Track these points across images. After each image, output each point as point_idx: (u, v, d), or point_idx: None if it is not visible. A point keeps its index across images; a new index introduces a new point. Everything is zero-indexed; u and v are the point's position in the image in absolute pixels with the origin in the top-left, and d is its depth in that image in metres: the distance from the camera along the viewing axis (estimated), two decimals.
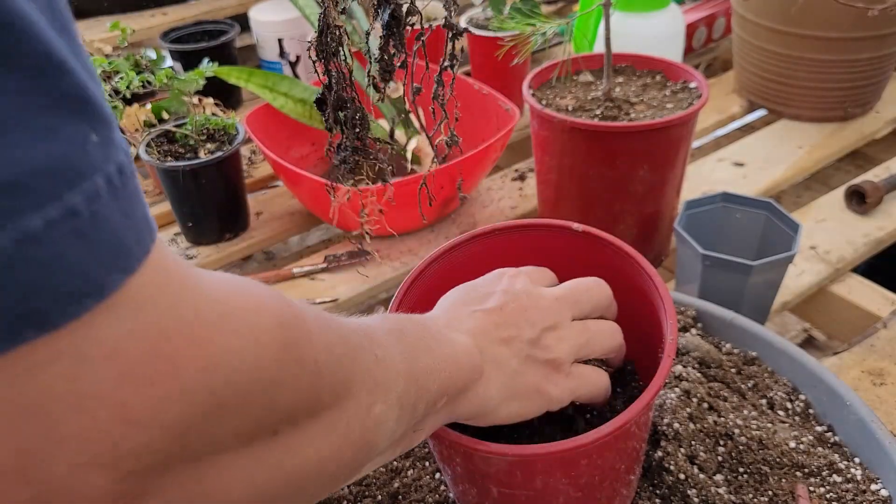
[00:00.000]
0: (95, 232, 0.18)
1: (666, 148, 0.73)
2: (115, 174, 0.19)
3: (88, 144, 0.18)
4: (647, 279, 0.46)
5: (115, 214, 0.19)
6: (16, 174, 0.16)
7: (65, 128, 0.17)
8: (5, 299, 0.17)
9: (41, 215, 0.17)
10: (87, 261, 0.18)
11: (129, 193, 0.19)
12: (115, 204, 0.18)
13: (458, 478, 0.44)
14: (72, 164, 0.17)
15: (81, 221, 0.18)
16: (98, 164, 0.18)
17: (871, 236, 0.84)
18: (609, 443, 0.39)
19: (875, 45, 0.96)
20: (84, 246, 0.18)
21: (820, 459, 0.50)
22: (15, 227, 0.16)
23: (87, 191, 0.18)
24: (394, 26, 0.35)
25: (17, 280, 0.17)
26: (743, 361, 0.59)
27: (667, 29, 1.00)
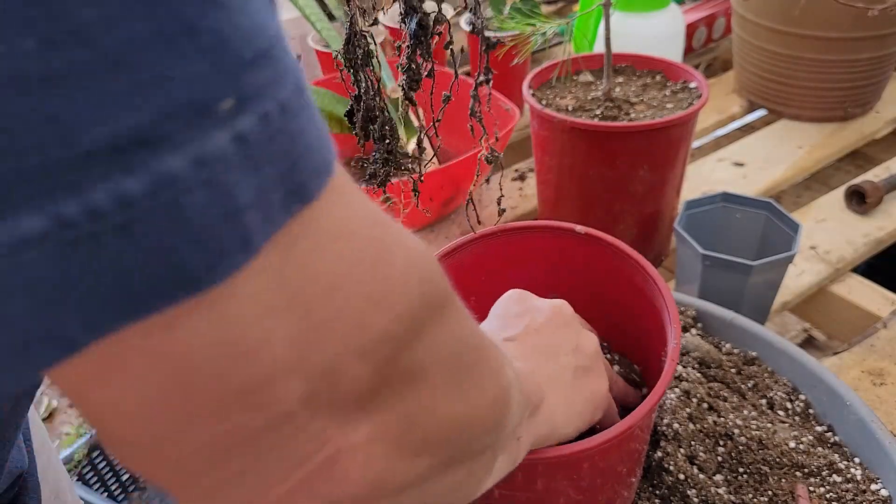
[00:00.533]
0: (313, 108, 0.18)
1: (666, 148, 0.73)
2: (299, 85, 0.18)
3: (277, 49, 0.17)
4: (650, 282, 0.46)
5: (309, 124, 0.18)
6: (268, 41, 0.16)
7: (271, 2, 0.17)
8: (277, 170, 0.16)
9: (286, 86, 0.16)
10: (316, 136, 0.18)
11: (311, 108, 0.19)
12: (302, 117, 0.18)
13: None
14: (285, 39, 0.17)
15: (306, 98, 0.17)
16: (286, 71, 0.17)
17: (871, 236, 0.84)
18: (612, 446, 0.39)
19: (875, 45, 0.96)
20: (312, 121, 0.18)
21: (820, 459, 0.50)
22: (275, 97, 0.16)
23: (298, 69, 0.17)
24: (421, 35, 0.35)
25: (283, 151, 0.16)
26: (743, 361, 0.59)
27: (667, 29, 1.00)
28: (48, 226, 0.13)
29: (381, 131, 0.37)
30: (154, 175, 0.14)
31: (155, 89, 0.14)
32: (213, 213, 0.15)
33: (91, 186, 0.13)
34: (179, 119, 0.14)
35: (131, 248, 0.14)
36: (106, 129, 0.13)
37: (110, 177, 0.13)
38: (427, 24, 0.35)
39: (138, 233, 0.14)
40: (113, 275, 0.14)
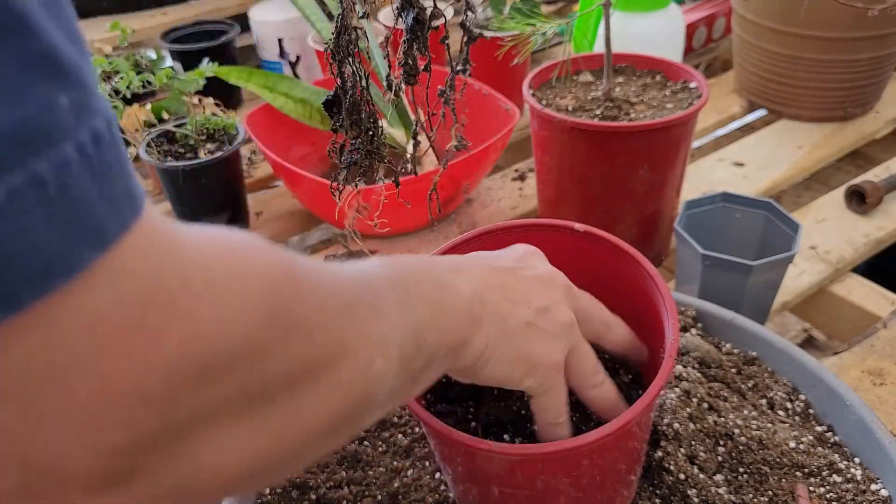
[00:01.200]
0: (64, 204, 0.17)
1: (666, 148, 0.73)
2: (88, 142, 0.17)
3: (58, 109, 0.16)
4: (648, 280, 0.46)
5: (89, 185, 0.17)
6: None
7: (31, 90, 0.16)
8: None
9: (2, 183, 0.15)
10: (55, 236, 0.17)
11: (107, 163, 0.18)
12: (87, 174, 0.17)
13: (458, 477, 0.44)
14: (36, 128, 0.16)
15: (48, 192, 0.16)
16: (68, 130, 0.17)
17: (871, 236, 0.84)
18: (610, 443, 0.39)
19: (875, 45, 0.96)
20: (51, 219, 0.16)
21: (820, 459, 0.50)
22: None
23: (55, 159, 0.16)
24: (417, 30, 0.35)
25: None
26: (743, 361, 0.59)
27: (667, 29, 1.00)
28: None
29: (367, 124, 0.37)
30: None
31: None
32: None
33: None
34: None
35: None
36: None
37: None
38: (423, 19, 0.35)
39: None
40: None
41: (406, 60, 0.35)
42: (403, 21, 0.35)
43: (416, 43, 0.35)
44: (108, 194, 0.18)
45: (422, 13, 0.35)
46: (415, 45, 0.35)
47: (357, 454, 0.53)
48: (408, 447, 0.54)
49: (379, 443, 0.55)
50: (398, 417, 0.56)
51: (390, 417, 0.57)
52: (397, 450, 0.54)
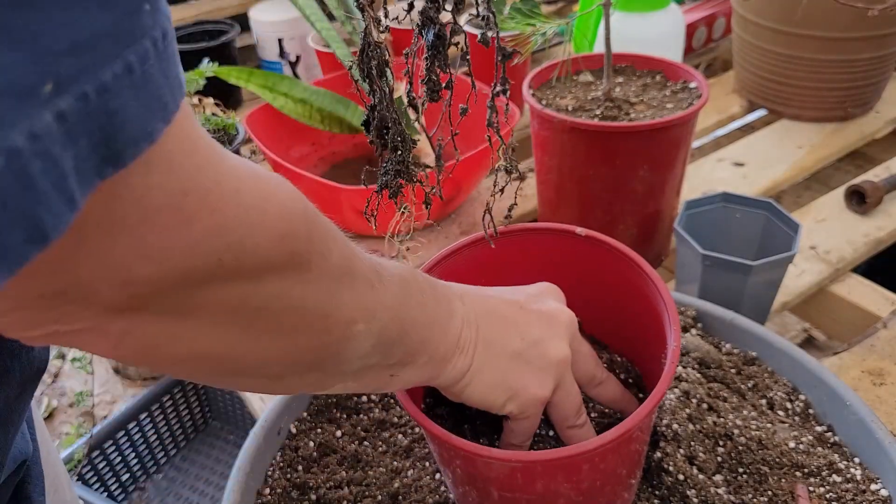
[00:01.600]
0: (145, 86, 0.21)
1: (666, 148, 0.73)
2: (159, 38, 0.21)
3: (142, 13, 0.20)
4: (650, 283, 0.46)
5: (159, 72, 0.21)
6: (89, 34, 0.19)
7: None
8: (92, 142, 0.19)
9: (110, 69, 0.19)
10: (141, 111, 0.21)
11: (169, 55, 0.22)
12: (158, 64, 0.21)
13: (458, 480, 0.44)
14: (129, 28, 0.20)
15: (135, 77, 0.20)
16: (147, 29, 0.21)
17: (871, 236, 0.84)
18: (612, 449, 0.39)
19: (875, 45, 0.96)
20: (138, 99, 0.21)
21: (820, 459, 0.50)
22: (93, 80, 0.19)
23: (139, 52, 0.20)
24: (439, 46, 0.35)
25: (98, 126, 0.19)
26: (743, 362, 0.59)
27: (667, 29, 1.00)
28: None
29: (394, 142, 0.37)
30: (4, 151, 0.17)
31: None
32: (49, 178, 0.18)
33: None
34: (9, 103, 0.17)
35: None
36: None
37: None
38: (444, 35, 0.35)
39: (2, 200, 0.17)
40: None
41: (429, 77, 0.36)
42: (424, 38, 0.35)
43: (438, 60, 0.35)
44: (168, 80, 0.22)
45: (442, 29, 0.35)
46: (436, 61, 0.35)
47: (357, 454, 0.54)
48: (408, 447, 0.54)
49: (379, 443, 0.55)
50: (398, 418, 0.57)
51: (390, 418, 0.57)
52: (397, 450, 0.54)
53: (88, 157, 0.20)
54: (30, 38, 0.17)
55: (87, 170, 0.20)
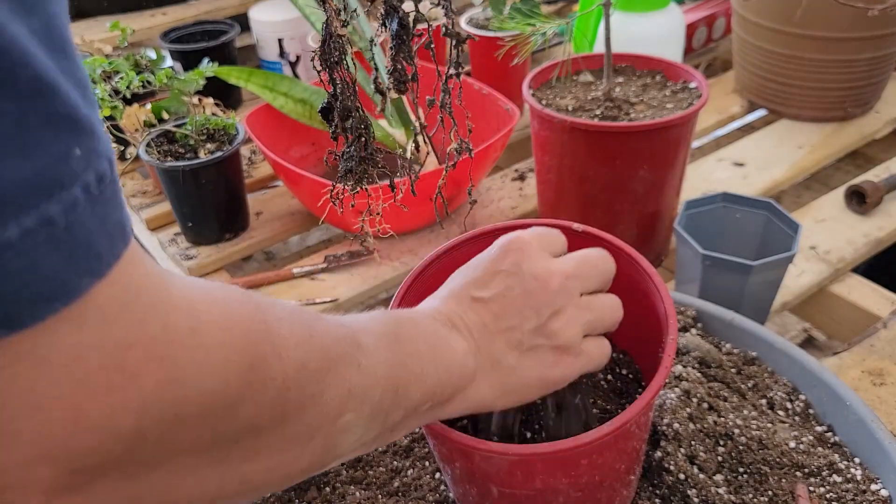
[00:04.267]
0: (69, 239, 0.19)
1: (666, 148, 0.73)
2: (93, 183, 0.19)
3: (71, 158, 0.18)
4: (647, 279, 0.46)
5: (91, 221, 0.19)
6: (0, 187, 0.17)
7: (51, 144, 0.18)
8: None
9: (17, 224, 0.17)
10: (59, 267, 0.18)
11: (107, 199, 0.20)
12: (91, 211, 0.19)
13: (458, 478, 0.44)
14: (53, 176, 0.18)
15: (57, 230, 0.18)
16: (78, 174, 0.19)
17: (871, 236, 0.84)
18: (609, 443, 0.39)
19: (875, 45, 0.96)
20: (58, 253, 0.18)
21: (820, 459, 0.50)
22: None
23: (65, 201, 0.18)
24: (403, 35, 0.35)
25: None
26: (743, 361, 0.59)
27: (667, 29, 1.00)
28: None
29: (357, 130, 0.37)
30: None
31: None
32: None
33: None
34: None
35: None
36: None
37: None
38: (407, 24, 0.35)
39: None
40: None
41: (395, 67, 0.35)
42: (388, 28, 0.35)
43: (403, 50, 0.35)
44: (105, 227, 0.20)
45: (405, 18, 0.35)
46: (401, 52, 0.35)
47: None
48: (408, 447, 0.54)
49: None
50: None
51: None
52: (397, 450, 0.54)
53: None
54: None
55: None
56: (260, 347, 0.25)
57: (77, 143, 0.19)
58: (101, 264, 0.20)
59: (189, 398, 0.22)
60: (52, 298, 0.19)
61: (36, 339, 0.19)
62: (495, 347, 0.39)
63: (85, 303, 0.19)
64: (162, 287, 0.22)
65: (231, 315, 0.24)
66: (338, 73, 0.35)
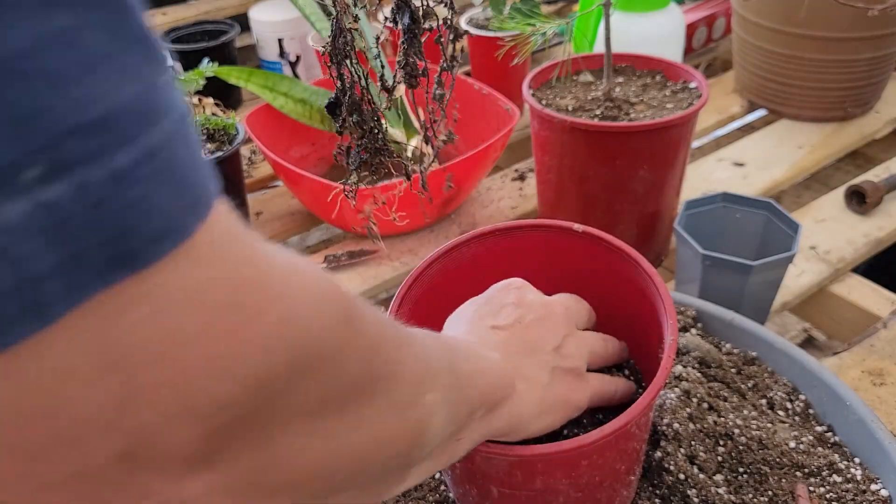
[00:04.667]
0: (172, 172, 0.18)
1: (666, 148, 0.73)
2: (180, 119, 0.18)
3: (161, 85, 0.18)
4: (647, 279, 0.46)
5: (185, 158, 0.18)
6: (106, 110, 0.16)
7: (142, 67, 0.17)
8: (96, 239, 0.16)
9: (127, 153, 0.16)
10: (168, 200, 0.18)
11: (196, 138, 0.19)
12: (183, 147, 0.18)
13: (458, 478, 0.44)
14: (151, 103, 0.17)
15: (161, 161, 0.17)
16: (170, 105, 0.18)
17: (871, 236, 0.84)
18: (610, 443, 0.39)
19: (875, 45, 0.96)
20: (165, 185, 0.17)
21: (820, 459, 0.50)
22: (104, 165, 0.16)
23: (164, 131, 0.17)
24: (414, 29, 0.35)
25: (107, 219, 0.16)
26: (743, 361, 0.59)
27: (667, 29, 1.00)
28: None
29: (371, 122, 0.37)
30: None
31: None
32: (6, 283, 0.15)
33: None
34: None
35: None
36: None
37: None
38: (418, 19, 0.35)
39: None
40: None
41: (406, 61, 0.36)
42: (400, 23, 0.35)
43: (414, 44, 0.35)
44: (199, 165, 0.19)
45: (416, 13, 0.35)
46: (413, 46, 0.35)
47: None
48: None
49: None
50: None
51: None
52: None
53: (86, 256, 0.16)
54: (28, 116, 0.15)
55: (81, 272, 0.16)
56: (350, 302, 0.24)
57: (160, 72, 0.18)
58: (203, 203, 0.19)
59: (303, 340, 0.21)
60: (168, 235, 0.18)
61: (158, 277, 0.18)
62: (525, 367, 0.40)
63: (195, 241, 0.18)
64: (250, 236, 0.21)
65: (315, 272, 0.23)
66: (346, 67, 0.35)
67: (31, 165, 0.15)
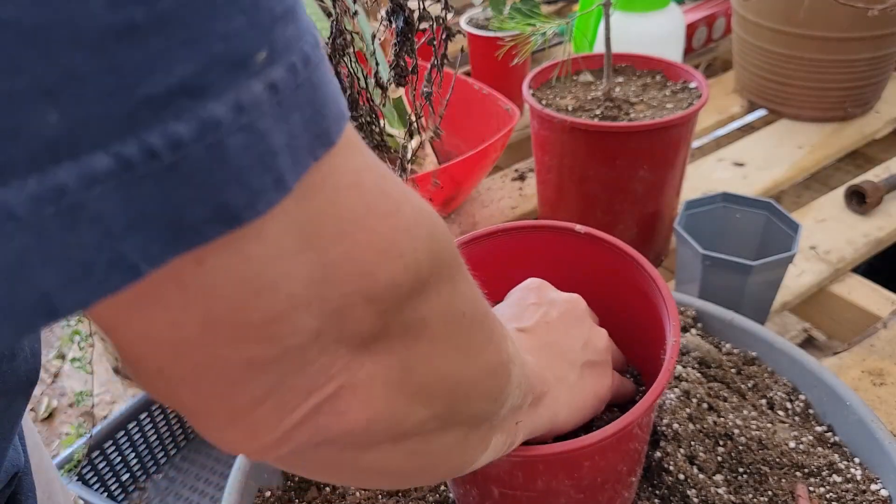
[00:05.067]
0: (326, 69, 0.19)
1: (666, 148, 0.73)
2: (313, 45, 0.19)
3: (299, 7, 0.18)
4: (649, 281, 0.46)
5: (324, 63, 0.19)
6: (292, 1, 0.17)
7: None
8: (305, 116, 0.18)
9: (308, 42, 0.18)
10: (332, 87, 0.19)
11: (325, 69, 0.19)
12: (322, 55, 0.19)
13: (458, 479, 0.44)
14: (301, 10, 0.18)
15: (319, 56, 0.18)
16: (302, 34, 0.18)
17: (871, 236, 0.84)
18: (612, 444, 0.39)
19: (875, 45, 0.96)
20: (329, 74, 0.19)
21: (820, 459, 0.50)
22: (299, 50, 0.17)
23: (314, 35, 0.18)
24: (407, 32, 0.36)
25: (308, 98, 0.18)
26: (743, 361, 0.59)
27: (667, 29, 1.00)
28: (113, 165, 0.15)
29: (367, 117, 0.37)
30: (200, 121, 0.15)
31: (199, 44, 0.15)
32: (252, 154, 0.16)
33: (147, 131, 0.15)
34: (220, 70, 0.16)
35: (182, 185, 0.16)
36: (159, 80, 0.15)
37: (163, 122, 0.15)
38: (412, 22, 0.35)
39: (187, 172, 0.15)
40: (167, 209, 0.16)
41: (397, 62, 0.36)
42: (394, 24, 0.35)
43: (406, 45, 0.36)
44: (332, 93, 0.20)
45: (411, 16, 0.35)
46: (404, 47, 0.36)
47: None
48: None
49: None
50: None
51: None
52: None
53: (301, 134, 0.18)
54: (253, 4, 0.16)
55: (299, 148, 0.18)
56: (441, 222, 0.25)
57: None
58: (342, 103, 0.20)
59: (431, 236, 0.23)
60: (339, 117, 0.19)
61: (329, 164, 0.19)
62: (557, 367, 0.40)
63: (346, 139, 0.20)
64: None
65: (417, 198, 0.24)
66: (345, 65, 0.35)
67: (259, 50, 0.16)
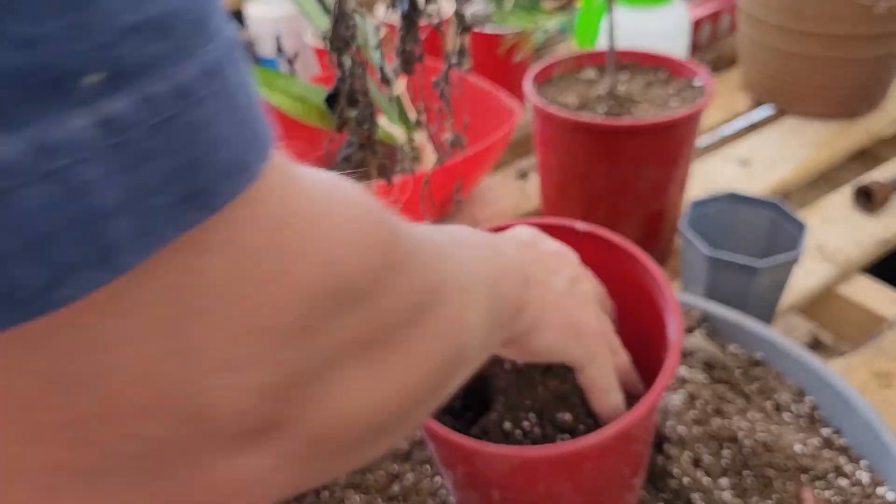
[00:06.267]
0: (231, 99, 0.15)
1: (670, 146, 0.72)
2: (231, 42, 0.16)
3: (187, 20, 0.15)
4: (651, 279, 0.45)
5: (241, 87, 0.16)
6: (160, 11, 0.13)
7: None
8: (165, 167, 0.14)
9: (186, 67, 0.14)
10: (233, 131, 0.15)
11: (247, 70, 0.17)
12: (238, 74, 0.16)
13: (459, 482, 0.44)
14: (203, 15, 0.15)
15: (219, 83, 0.15)
16: (219, 25, 0.15)
17: (879, 236, 0.83)
18: (613, 445, 0.38)
19: (883, 43, 0.95)
20: (229, 112, 0.15)
21: (826, 463, 0.50)
22: (166, 77, 0.14)
23: (218, 50, 0.15)
24: (413, 16, 0.35)
25: (175, 143, 0.14)
26: (749, 363, 0.58)
27: (672, 25, 0.99)
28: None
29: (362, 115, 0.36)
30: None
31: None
32: (58, 217, 0.12)
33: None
34: (15, 93, 0.11)
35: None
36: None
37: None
38: (417, 6, 0.34)
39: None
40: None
41: (403, 48, 0.35)
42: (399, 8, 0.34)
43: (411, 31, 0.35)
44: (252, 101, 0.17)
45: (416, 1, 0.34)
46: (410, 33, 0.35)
47: None
48: (407, 451, 0.53)
49: None
50: None
51: None
52: (397, 454, 0.53)
53: (157, 191, 0.14)
54: (83, 2, 0.12)
55: (153, 212, 0.14)
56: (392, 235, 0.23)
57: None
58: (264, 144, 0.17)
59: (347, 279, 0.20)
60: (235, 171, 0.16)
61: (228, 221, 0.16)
62: (543, 275, 0.38)
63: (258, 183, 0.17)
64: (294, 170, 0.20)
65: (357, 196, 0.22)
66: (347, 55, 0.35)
67: (93, 70, 0.12)
